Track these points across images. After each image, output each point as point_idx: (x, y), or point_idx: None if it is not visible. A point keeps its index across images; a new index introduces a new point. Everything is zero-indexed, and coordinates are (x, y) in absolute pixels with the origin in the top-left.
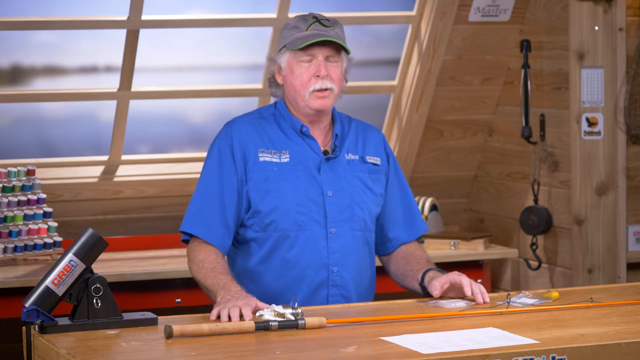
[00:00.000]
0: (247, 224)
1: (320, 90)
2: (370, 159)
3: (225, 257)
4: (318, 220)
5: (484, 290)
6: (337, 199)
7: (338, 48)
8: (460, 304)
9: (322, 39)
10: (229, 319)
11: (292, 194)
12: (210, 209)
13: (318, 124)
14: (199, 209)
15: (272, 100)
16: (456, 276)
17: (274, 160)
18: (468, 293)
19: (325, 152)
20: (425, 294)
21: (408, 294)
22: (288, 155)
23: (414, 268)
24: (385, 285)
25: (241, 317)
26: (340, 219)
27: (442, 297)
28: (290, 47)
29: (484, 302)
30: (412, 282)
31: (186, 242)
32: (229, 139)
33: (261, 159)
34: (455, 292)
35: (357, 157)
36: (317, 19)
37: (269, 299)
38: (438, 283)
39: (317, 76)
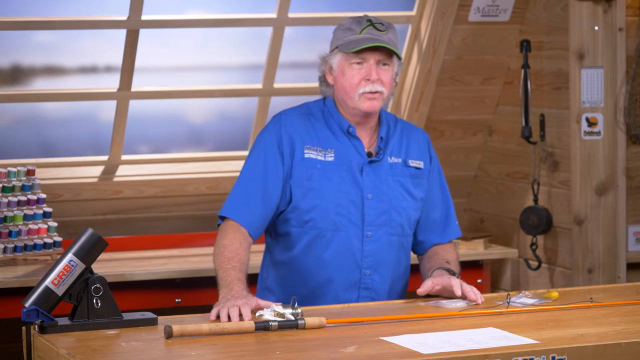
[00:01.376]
0: (286, 217)
1: (371, 92)
2: (413, 163)
3: (249, 246)
4: (355, 222)
5: (475, 290)
6: (376, 202)
7: (390, 52)
8: (460, 304)
9: (375, 44)
10: (229, 318)
11: (333, 194)
12: (251, 197)
13: (365, 125)
14: (240, 195)
15: (319, 96)
16: (447, 279)
17: (319, 157)
18: (458, 293)
19: (369, 154)
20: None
21: (407, 294)
22: (333, 154)
23: (432, 267)
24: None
25: (240, 316)
26: (377, 223)
27: (442, 297)
28: (343, 49)
29: (476, 301)
30: None
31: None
32: (279, 131)
33: (307, 155)
34: (449, 294)
35: (399, 160)
36: (371, 22)
37: (301, 296)
38: (430, 282)
39: (368, 79)
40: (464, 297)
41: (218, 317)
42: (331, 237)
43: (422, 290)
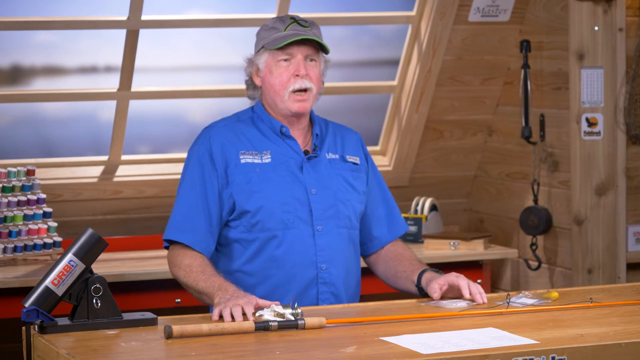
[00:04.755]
0: (231, 225)
1: (300, 91)
2: (350, 159)
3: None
4: (304, 218)
5: (482, 290)
6: (321, 196)
7: (316, 47)
8: (461, 304)
9: (301, 38)
10: (232, 318)
11: (277, 193)
12: (195, 215)
13: (297, 125)
14: (183, 215)
15: (250, 104)
16: (454, 277)
17: (256, 161)
18: (466, 295)
19: (306, 152)
20: (423, 295)
21: (408, 294)
22: (269, 156)
23: (407, 269)
24: (375, 286)
25: (244, 315)
26: (326, 217)
27: (442, 297)
28: (269, 47)
29: (483, 303)
30: (405, 283)
31: (168, 248)
32: (208, 144)
33: (243, 161)
34: (454, 292)
35: (337, 156)
36: (295, 20)
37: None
38: (437, 285)
39: (297, 75)
40: (471, 299)
41: (220, 317)
42: (282, 237)
43: (437, 295)
